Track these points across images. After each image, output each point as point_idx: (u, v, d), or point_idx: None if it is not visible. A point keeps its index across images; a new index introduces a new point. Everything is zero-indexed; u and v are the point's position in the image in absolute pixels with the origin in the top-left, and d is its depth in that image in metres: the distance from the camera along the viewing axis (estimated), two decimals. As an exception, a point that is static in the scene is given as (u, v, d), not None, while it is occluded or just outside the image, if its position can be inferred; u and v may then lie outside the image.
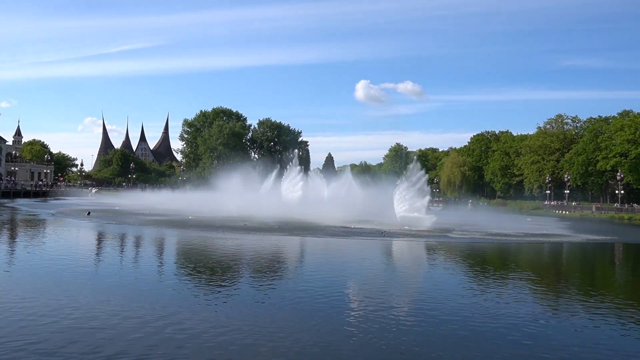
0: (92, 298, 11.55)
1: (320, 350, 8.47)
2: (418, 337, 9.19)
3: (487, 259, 22.44)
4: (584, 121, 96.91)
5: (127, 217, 37.53)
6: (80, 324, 9.29)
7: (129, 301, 11.35)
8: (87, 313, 10.11)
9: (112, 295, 11.91)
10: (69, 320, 9.55)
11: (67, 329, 9.03)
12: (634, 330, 10.41)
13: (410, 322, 10.24)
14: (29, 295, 11.64)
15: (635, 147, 75.71)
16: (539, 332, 9.80)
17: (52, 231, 28.71)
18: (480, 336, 9.40)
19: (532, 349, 8.70)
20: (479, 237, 30.01)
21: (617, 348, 9.10)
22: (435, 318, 10.63)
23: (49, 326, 9.14)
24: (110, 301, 11.29)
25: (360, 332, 9.37)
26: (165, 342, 8.49)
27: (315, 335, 9.23)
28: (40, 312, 10.09)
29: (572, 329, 10.30)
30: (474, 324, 10.17)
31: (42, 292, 11.99)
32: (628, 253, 28.31)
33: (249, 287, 13.99)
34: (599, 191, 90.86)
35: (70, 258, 17.91)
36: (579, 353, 8.73)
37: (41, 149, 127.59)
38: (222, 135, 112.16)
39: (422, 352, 8.49)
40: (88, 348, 8.01)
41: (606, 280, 18.07)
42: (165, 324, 9.44)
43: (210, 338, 8.73)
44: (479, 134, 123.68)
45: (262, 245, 23.75)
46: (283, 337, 9.02)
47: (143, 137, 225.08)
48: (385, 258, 22.07)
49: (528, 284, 15.79)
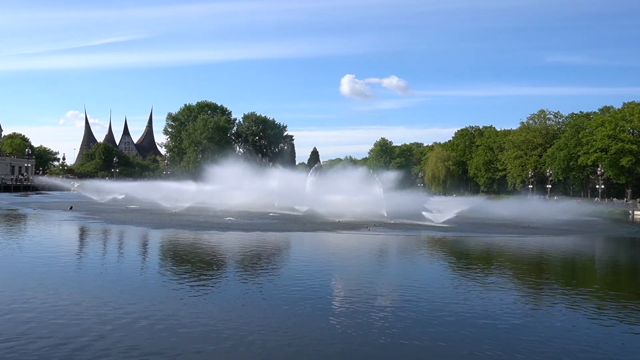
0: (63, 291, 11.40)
1: (302, 347, 8.50)
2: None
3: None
4: (565, 117, 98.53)
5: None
6: (50, 319, 9.18)
7: (108, 295, 11.24)
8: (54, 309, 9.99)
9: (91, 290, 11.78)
10: (43, 314, 9.43)
11: (42, 324, 8.91)
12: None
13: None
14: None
15: (615, 142, 77.03)
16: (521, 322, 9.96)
17: (32, 227, 28.30)
18: (461, 322, 9.50)
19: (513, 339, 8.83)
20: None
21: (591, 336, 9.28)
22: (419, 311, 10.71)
23: (17, 322, 9.01)
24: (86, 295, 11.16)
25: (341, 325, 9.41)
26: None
27: (295, 332, 9.25)
28: (10, 306, 9.94)
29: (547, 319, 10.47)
30: (455, 311, 10.27)
31: (17, 287, 11.81)
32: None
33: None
34: (580, 186, 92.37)
35: (52, 253, 17.67)
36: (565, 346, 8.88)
37: (22, 142, 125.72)
38: (207, 129, 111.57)
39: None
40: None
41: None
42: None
43: (195, 333, 8.70)
44: (463, 129, 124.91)
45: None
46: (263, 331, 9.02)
47: (126, 130, 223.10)
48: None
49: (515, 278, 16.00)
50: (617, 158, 76.79)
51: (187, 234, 24.67)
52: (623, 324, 10.46)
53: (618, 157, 76.74)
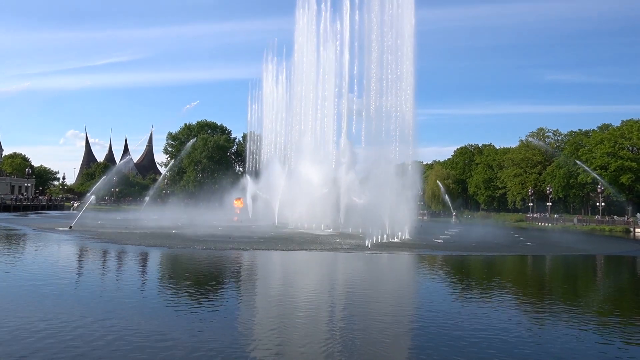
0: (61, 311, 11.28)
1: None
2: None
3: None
4: (564, 134, 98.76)
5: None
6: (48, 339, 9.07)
7: (110, 317, 11.12)
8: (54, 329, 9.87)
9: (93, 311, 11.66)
10: (43, 336, 9.32)
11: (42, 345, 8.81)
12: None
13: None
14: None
15: (614, 160, 77.11)
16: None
17: (32, 246, 28.14)
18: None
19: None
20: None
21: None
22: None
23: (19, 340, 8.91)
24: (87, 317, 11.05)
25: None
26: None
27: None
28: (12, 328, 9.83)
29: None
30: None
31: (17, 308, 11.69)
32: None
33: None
34: (580, 203, 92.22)
35: (48, 273, 17.54)
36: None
37: (22, 162, 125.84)
38: (207, 148, 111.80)
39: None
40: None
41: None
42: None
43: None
44: (463, 147, 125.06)
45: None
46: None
47: (126, 150, 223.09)
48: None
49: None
50: (617, 175, 76.80)
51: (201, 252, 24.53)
52: None
53: (617, 174, 76.77)
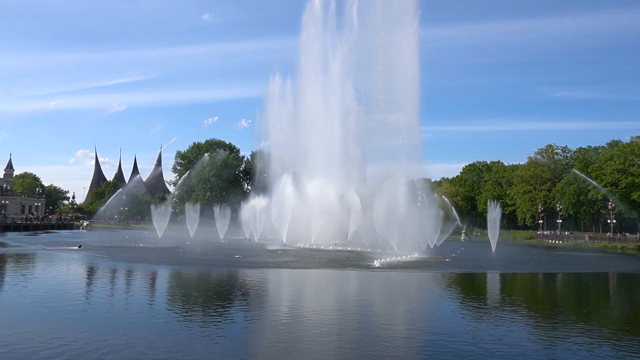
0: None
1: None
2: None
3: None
4: (573, 151, 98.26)
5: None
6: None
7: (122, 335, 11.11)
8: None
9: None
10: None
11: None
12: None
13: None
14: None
15: (625, 176, 76.49)
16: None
17: (42, 265, 28.26)
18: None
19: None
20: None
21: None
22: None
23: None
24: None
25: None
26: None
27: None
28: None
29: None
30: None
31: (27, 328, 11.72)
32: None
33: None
34: (591, 220, 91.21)
35: (59, 293, 17.60)
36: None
37: (32, 181, 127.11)
38: (215, 167, 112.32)
39: None
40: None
41: None
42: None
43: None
44: (471, 164, 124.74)
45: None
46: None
47: (136, 169, 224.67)
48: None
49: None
50: (628, 192, 76.08)
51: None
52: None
53: (628, 191, 76.06)
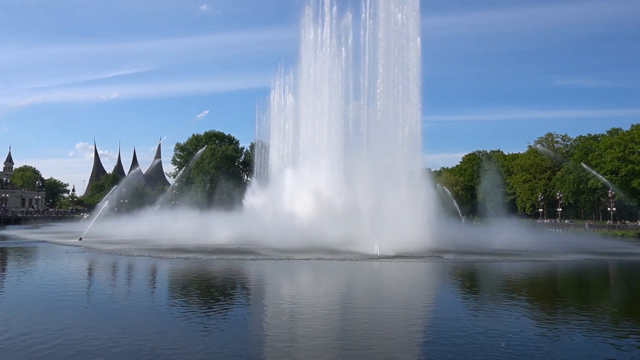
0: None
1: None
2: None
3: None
4: (573, 139, 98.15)
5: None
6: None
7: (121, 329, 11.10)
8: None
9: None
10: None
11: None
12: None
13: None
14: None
15: (625, 164, 76.46)
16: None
17: (42, 258, 28.26)
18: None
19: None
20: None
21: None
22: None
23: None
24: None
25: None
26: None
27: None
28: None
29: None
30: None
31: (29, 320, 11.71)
32: None
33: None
34: (591, 208, 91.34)
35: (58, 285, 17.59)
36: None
37: (32, 175, 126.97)
38: (215, 158, 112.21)
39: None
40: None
41: None
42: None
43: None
44: (471, 153, 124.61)
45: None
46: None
47: (135, 161, 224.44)
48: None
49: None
50: (628, 180, 76.07)
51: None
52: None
53: (628, 179, 76.05)
